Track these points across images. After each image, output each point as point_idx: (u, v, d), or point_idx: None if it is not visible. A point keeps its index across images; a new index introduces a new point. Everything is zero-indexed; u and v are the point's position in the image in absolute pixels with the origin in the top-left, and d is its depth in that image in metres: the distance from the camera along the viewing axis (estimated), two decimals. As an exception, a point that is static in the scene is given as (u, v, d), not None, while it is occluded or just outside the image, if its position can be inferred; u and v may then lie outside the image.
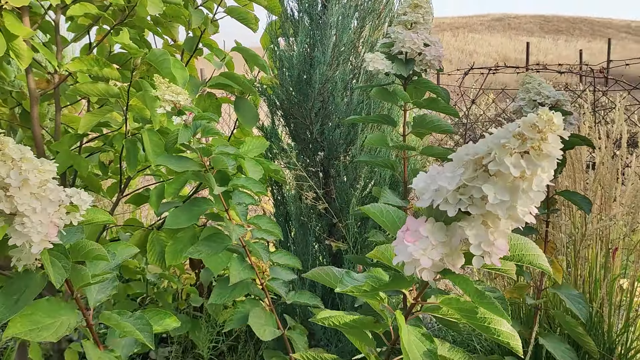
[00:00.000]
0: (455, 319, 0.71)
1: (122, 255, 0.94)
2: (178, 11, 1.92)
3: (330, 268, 0.73)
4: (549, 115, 0.49)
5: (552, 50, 23.23)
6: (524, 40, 24.22)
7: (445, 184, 0.54)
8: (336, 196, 1.80)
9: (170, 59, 1.51)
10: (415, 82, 1.37)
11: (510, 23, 32.32)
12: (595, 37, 28.45)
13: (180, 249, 1.63)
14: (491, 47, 23.99)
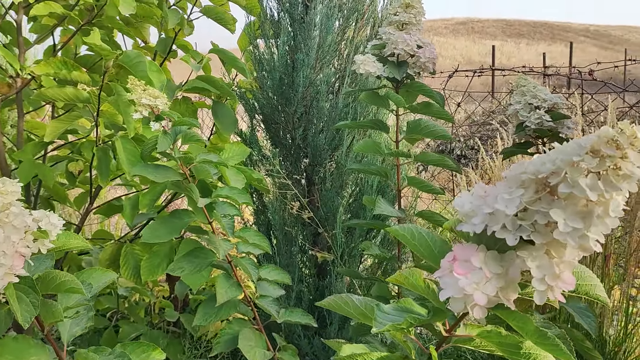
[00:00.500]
0: (488, 350, 0.64)
1: (98, 282, 0.84)
2: (150, 11, 1.81)
3: (350, 296, 0.65)
4: (632, 129, 0.42)
5: (515, 53, 23.75)
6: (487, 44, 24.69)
7: (502, 207, 0.46)
8: (321, 204, 1.72)
9: (146, 61, 1.40)
10: (407, 86, 1.30)
11: (474, 27, 32.91)
12: (556, 40, 29.23)
13: (157, 264, 1.52)
14: (456, 51, 24.35)
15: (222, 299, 1.17)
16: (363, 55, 1.26)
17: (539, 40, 29.73)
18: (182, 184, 1.31)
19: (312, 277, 1.77)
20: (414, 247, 0.59)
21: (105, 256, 1.69)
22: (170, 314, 2.06)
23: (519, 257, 0.47)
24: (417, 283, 0.63)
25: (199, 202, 1.21)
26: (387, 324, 0.53)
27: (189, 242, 1.42)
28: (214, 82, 1.71)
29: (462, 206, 0.51)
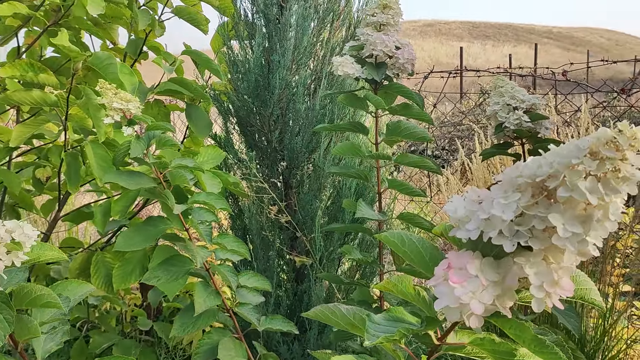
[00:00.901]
0: (480, 357, 0.62)
1: (75, 295, 0.80)
2: (119, 11, 1.76)
3: (337, 306, 0.63)
4: (632, 130, 0.41)
5: (481, 55, 24.13)
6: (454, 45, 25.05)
7: (499, 212, 0.45)
8: (298, 208, 1.70)
9: (116, 62, 1.36)
10: (386, 87, 1.29)
11: (441, 29, 33.34)
12: (520, 42, 29.82)
13: (130, 271, 1.47)
14: (424, 52, 24.61)
15: (200, 308, 1.13)
16: (341, 57, 1.24)
17: (504, 42, 30.30)
18: (157, 190, 1.27)
19: (290, 281, 1.74)
20: (404, 254, 0.57)
21: (75, 265, 1.63)
22: (143, 322, 2.01)
23: (517, 264, 0.46)
24: (406, 290, 0.62)
25: (175, 208, 1.18)
26: (379, 335, 0.51)
27: (164, 250, 1.38)
28: (187, 84, 1.67)
29: (455, 211, 0.49)
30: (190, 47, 1.81)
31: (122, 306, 2.02)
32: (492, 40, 30.85)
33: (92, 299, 2.00)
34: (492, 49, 27.10)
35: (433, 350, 0.60)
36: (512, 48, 25.18)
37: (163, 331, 1.89)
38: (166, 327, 1.91)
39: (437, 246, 0.56)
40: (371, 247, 1.72)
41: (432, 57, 22.20)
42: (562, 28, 36.39)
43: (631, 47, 29.47)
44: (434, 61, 20.00)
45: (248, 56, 1.73)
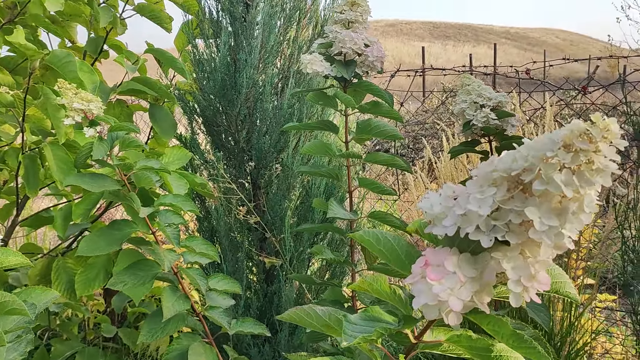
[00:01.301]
0: (455, 354, 0.62)
1: (39, 302, 0.76)
2: (78, 9, 1.71)
3: (312, 307, 0.61)
4: (605, 122, 0.41)
5: (442, 54, 24.50)
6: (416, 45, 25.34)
7: (475, 207, 0.44)
8: (267, 208, 1.68)
9: (76, 61, 1.31)
10: (355, 85, 1.29)
11: (402, 29, 33.71)
12: (479, 42, 30.41)
13: (93, 277, 1.43)
14: (387, 52, 24.77)
15: (169, 314, 1.10)
16: (310, 55, 1.23)
17: (464, 42, 30.85)
18: (121, 192, 1.23)
19: (260, 283, 1.72)
20: (379, 253, 0.56)
21: (35, 272, 1.58)
22: (107, 329, 1.95)
23: (494, 259, 0.46)
24: (382, 289, 0.61)
25: (141, 211, 1.14)
26: (356, 335, 0.50)
27: (129, 254, 1.34)
28: (151, 83, 1.63)
29: (430, 208, 0.49)
30: (153, 46, 1.77)
31: (84, 313, 1.96)
32: (452, 41, 31.37)
33: (54, 306, 1.94)
34: (453, 48, 27.55)
35: (410, 348, 0.60)
36: (472, 48, 25.66)
37: (129, 337, 1.84)
38: (132, 333, 1.86)
39: (413, 245, 0.56)
40: (341, 246, 1.71)
41: (394, 57, 22.43)
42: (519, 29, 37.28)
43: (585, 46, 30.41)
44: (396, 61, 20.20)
45: (214, 55, 1.71)
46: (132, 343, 1.86)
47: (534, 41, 32.40)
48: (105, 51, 1.83)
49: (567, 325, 1.47)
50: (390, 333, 0.52)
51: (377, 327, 0.51)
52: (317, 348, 1.69)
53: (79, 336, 2.00)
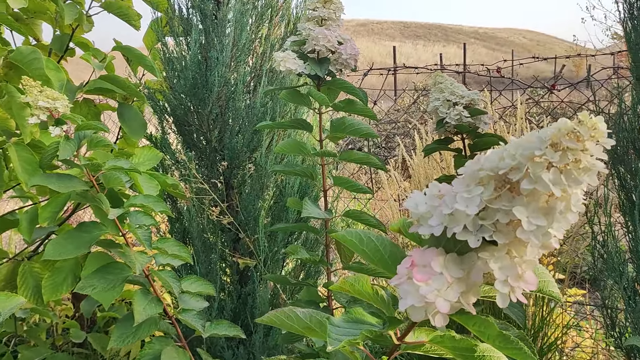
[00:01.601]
0: (438, 354, 0.62)
1: (5, 309, 0.73)
2: (43, 6, 1.65)
3: (293, 309, 0.60)
4: (592, 121, 0.41)
5: (413, 54, 24.72)
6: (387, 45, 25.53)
7: (463, 207, 0.44)
8: (240, 208, 1.65)
9: (42, 58, 1.27)
10: (329, 83, 1.27)
11: (374, 28, 33.91)
12: (449, 42, 30.81)
13: (61, 281, 1.39)
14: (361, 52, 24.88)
15: (140, 318, 1.07)
16: (283, 52, 1.21)
17: (435, 42, 31.21)
18: (89, 193, 1.19)
19: (233, 284, 1.70)
20: (362, 253, 0.55)
21: (0, 277, 1.52)
22: (76, 334, 1.90)
23: (481, 259, 0.45)
24: (364, 290, 0.60)
25: (111, 213, 1.11)
26: (342, 339, 0.48)
27: (98, 257, 1.30)
28: (119, 82, 1.59)
29: (416, 207, 0.48)
30: (121, 43, 1.72)
31: (52, 318, 1.91)
32: (423, 40, 31.70)
33: (20, 312, 1.88)
34: (423, 48, 27.84)
35: (393, 350, 0.59)
36: (442, 48, 25.96)
37: (99, 343, 1.79)
38: (102, 338, 1.81)
39: (397, 244, 0.55)
40: (315, 245, 1.70)
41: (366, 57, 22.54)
42: (487, 29, 37.91)
43: (551, 46, 31.10)
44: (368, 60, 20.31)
45: (184, 53, 1.67)
46: (102, 348, 1.81)
47: (502, 41, 33.00)
48: (72, 49, 1.77)
49: (539, 320, 1.49)
50: (376, 335, 0.51)
51: (362, 329, 0.50)
52: (292, 349, 1.68)
53: (47, 342, 1.94)
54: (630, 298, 1.28)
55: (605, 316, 1.37)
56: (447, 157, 1.98)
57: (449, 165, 1.94)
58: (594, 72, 2.04)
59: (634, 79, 1.29)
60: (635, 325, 1.28)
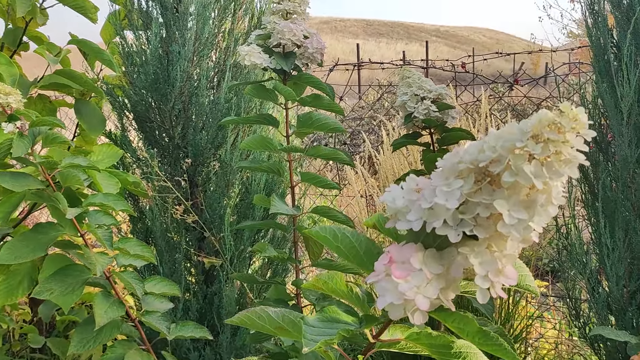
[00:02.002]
0: (413, 351, 0.61)
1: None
2: (-7, -4, 1.57)
3: (265, 309, 0.58)
4: (574, 112, 0.40)
5: (376, 51, 24.88)
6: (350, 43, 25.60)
7: (442, 201, 0.42)
8: (205, 206, 1.61)
9: (-8, 51, 1.20)
10: (295, 78, 1.25)
11: (337, 26, 33.96)
12: (412, 40, 31.15)
13: (16, 285, 1.33)
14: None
15: (101, 321, 1.03)
16: (248, 46, 1.18)
17: (397, 40, 31.49)
18: (45, 192, 1.14)
19: (199, 284, 1.66)
20: (336, 249, 0.53)
21: (-51, 282, 1.44)
22: (34, 339, 1.83)
23: (461, 254, 0.44)
24: (338, 287, 0.58)
25: (68, 212, 1.06)
26: (318, 339, 0.47)
27: (56, 259, 1.25)
28: (76, 77, 1.53)
29: (393, 201, 0.46)
30: (77, 37, 1.66)
31: (9, 323, 1.83)
32: (385, 38, 31.94)
33: (-28, 318, 1.79)
34: (386, 46, 28.05)
35: (368, 348, 0.57)
36: (405, 45, 26.21)
37: (58, 347, 1.73)
38: (62, 343, 1.75)
39: (373, 240, 0.53)
40: (283, 243, 1.67)
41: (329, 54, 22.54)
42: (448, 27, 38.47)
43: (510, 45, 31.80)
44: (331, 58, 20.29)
45: (144, 47, 1.62)
46: (62, 353, 1.75)
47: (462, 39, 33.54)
48: (25, 43, 1.70)
49: (505, 313, 1.51)
50: (352, 334, 0.50)
51: (339, 328, 0.48)
52: (260, 348, 1.65)
53: (4, 348, 1.86)
54: (594, 289, 1.31)
55: (569, 307, 1.40)
56: (413, 152, 1.99)
57: (416, 160, 1.95)
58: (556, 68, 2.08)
59: (596, 73, 1.32)
60: (599, 315, 1.31)
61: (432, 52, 20.54)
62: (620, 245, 1.28)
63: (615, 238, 1.28)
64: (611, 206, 1.30)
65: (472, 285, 0.58)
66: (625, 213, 1.28)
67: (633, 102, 1.23)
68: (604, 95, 1.29)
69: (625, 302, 1.29)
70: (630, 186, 1.27)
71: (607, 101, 1.29)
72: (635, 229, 1.26)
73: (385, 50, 25.33)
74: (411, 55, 16.75)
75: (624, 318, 1.28)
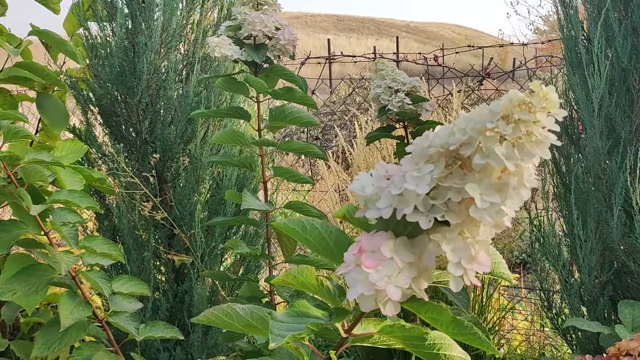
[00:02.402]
0: (387, 345, 0.59)
1: None
2: (-53, -15, 1.50)
3: (232, 306, 0.55)
4: (544, 90, 0.39)
5: (347, 47, 24.89)
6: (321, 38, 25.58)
7: (412, 186, 0.41)
8: (175, 203, 1.58)
9: (-54, 42, 1.15)
10: (267, 70, 1.23)
11: (307, 21, 33.88)
12: (382, 35, 31.27)
13: (-24, 287, 1.27)
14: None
15: (67, 322, 0.99)
16: (217, 37, 1.15)
17: (368, 35, 31.57)
18: (7, 189, 1.09)
19: (169, 283, 1.62)
20: (306, 242, 0.51)
21: None
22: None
23: (433, 241, 0.42)
24: (308, 282, 0.56)
25: (32, 210, 1.02)
26: (285, 335, 0.45)
27: (19, 258, 1.20)
28: (38, 69, 1.47)
29: (362, 189, 0.45)
30: (39, 28, 1.60)
31: (-30, 328, 1.76)
32: (356, 33, 31.99)
33: None
34: (357, 41, 28.07)
35: (340, 343, 0.56)
36: (375, 41, 26.28)
37: (22, 350, 1.66)
38: (26, 345, 1.69)
39: (343, 231, 0.52)
40: (255, 239, 1.65)
41: (300, 50, 22.44)
42: (418, 23, 38.72)
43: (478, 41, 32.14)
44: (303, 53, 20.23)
45: (109, 39, 1.57)
46: (26, 356, 1.69)
47: (432, 35, 33.79)
48: (-18, 35, 1.63)
49: (478, 305, 1.51)
50: (322, 328, 0.48)
51: (307, 323, 0.46)
52: (232, 347, 1.63)
53: (-36, 353, 1.79)
54: (567, 280, 1.32)
55: (542, 299, 1.41)
56: (387, 146, 1.99)
57: (389, 154, 1.94)
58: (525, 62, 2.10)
59: (567, 66, 1.33)
60: (571, 306, 1.32)
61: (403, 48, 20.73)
62: (592, 237, 1.29)
63: (587, 229, 1.29)
64: (583, 198, 1.31)
65: (445, 275, 0.57)
66: (596, 205, 1.29)
67: (604, 94, 1.24)
68: (576, 87, 1.30)
69: (597, 293, 1.30)
70: (602, 177, 1.28)
71: (579, 93, 1.30)
72: (606, 220, 1.27)
73: (356, 46, 25.36)
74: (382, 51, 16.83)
75: (596, 309, 1.29)
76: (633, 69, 1.30)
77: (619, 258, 1.32)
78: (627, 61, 1.29)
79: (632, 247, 1.26)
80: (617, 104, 1.30)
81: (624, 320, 1.16)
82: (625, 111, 1.30)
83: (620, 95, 1.31)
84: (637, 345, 0.97)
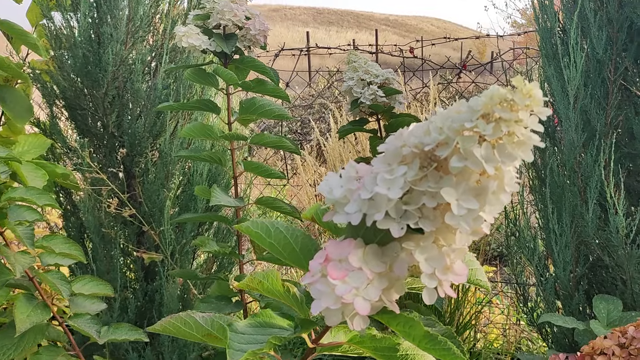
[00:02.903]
0: (356, 354, 0.56)
1: None
2: None
3: (191, 314, 0.51)
4: (528, 87, 0.35)
5: (326, 39, 24.77)
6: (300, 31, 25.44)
7: (384, 190, 0.37)
8: (144, 199, 1.52)
9: None
10: (237, 61, 1.18)
11: (287, 14, 33.64)
12: (362, 28, 31.22)
13: None
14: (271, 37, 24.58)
15: (23, 326, 0.94)
16: (185, 27, 1.10)
17: (347, 28, 31.49)
18: (-43, 187, 1.03)
19: (139, 281, 1.57)
20: (270, 246, 0.47)
21: None
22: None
23: (405, 250, 0.39)
24: (274, 288, 0.52)
25: (-17, 208, 0.96)
26: (245, 349, 0.41)
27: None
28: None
29: (330, 192, 0.41)
30: (0, 18, 1.52)
31: None
32: (335, 27, 31.88)
33: None
34: (336, 34, 27.96)
35: (308, 354, 0.52)
36: (355, 34, 26.20)
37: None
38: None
39: (310, 234, 0.48)
40: (228, 236, 1.60)
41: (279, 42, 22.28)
42: (397, 16, 38.75)
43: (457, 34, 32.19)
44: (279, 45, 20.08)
45: (73, 29, 1.50)
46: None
47: (411, 28, 33.84)
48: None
49: (455, 301, 1.50)
50: (286, 341, 0.44)
51: (270, 335, 0.43)
52: (205, 346, 1.58)
53: None
54: (542, 274, 1.31)
55: (517, 293, 1.39)
56: (362, 139, 1.95)
57: (364, 148, 1.91)
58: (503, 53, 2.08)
59: (543, 58, 1.31)
60: (546, 301, 1.31)
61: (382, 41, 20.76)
62: (567, 231, 1.27)
63: (562, 223, 1.28)
64: (558, 191, 1.30)
65: (419, 282, 0.53)
66: (572, 198, 1.28)
67: (579, 86, 1.22)
68: (551, 79, 1.28)
69: (572, 288, 1.29)
70: (577, 171, 1.26)
71: (554, 85, 1.28)
72: (581, 214, 1.26)
73: (336, 39, 25.28)
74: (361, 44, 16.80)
75: (571, 303, 1.29)
76: (608, 60, 1.28)
77: (594, 252, 1.31)
78: (603, 52, 1.27)
79: (607, 240, 1.26)
80: (593, 95, 1.29)
81: (599, 315, 1.15)
82: (600, 103, 1.29)
83: (595, 87, 1.29)
84: (611, 344, 0.96)
